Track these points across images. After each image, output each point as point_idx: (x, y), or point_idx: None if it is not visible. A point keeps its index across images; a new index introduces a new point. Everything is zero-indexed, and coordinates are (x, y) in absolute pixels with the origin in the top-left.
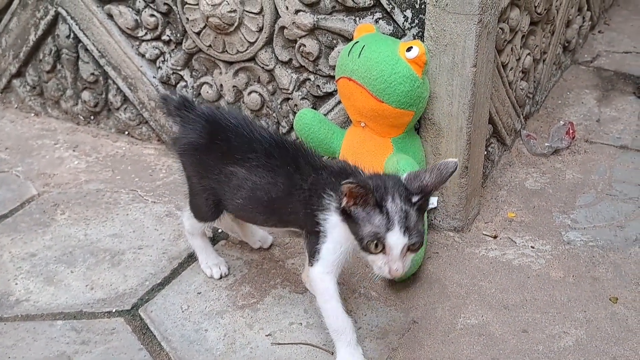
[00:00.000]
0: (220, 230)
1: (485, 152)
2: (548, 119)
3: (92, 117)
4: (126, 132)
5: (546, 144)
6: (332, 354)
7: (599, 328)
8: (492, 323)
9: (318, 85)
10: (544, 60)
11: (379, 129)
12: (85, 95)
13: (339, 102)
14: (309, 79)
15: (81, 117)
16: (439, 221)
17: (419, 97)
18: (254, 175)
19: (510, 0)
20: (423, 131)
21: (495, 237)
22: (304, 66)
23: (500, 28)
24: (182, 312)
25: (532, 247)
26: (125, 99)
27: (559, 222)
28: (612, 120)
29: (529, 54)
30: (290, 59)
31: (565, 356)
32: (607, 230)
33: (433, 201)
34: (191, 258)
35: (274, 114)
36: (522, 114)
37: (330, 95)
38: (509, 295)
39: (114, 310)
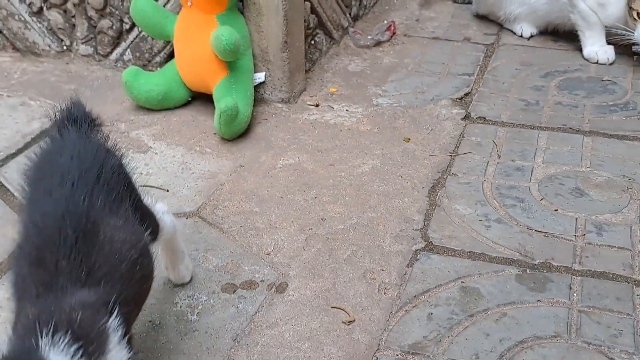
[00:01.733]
0: None
1: (313, 42)
2: (375, 21)
3: None
4: None
5: (369, 37)
6: None
7: (392, 158)
8: (306, 162)
9: None
10: None
11: (204, 6)
12: None
13: None
14: None
15: None
16: (268, 94)
17: None
18: None
19: None
20: (246, 11)
21: (317, 105)
22: None
23: None
24: None
25: (347, 110)
26: None
27: (372, 92)
28: (429, 19)
29: None
30: None
31: (361, 177)
32: (410, 95)
33: (260, 76)
34: (44, 134)
35: (117, 12)
36: (350, 14)
37: None
38: (323, 144)
39: None
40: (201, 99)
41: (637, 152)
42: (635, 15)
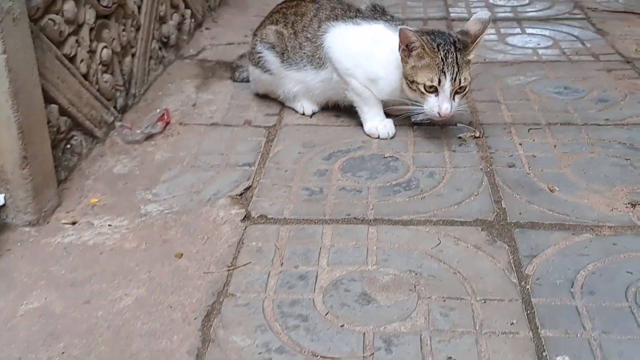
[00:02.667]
0: None
1: (68, 146)
2: (147, 110)
3: None
4: None
5: (138, 131)
6: None
7: (160, 282)
8: (55, 302)
9: None
10: (133, 55)
11: None
12: None
13: None
14: None
15: None
16: (12, 218)
17: None
18: None
19: None
20: None
21: (74, 223)
22: None
23: (50, 20)
24: None
25: (110, 225)
26: None
27: (141, 198)
28: (207, 103)
29: (105, 47)
30: None
31: (123, 314)
32: (185, 197)
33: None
34: None
35: None
36: (116, 107)
37: None
38: (79, 273)
39: None
40: None
41: (421, 239)
42: (423, 89)
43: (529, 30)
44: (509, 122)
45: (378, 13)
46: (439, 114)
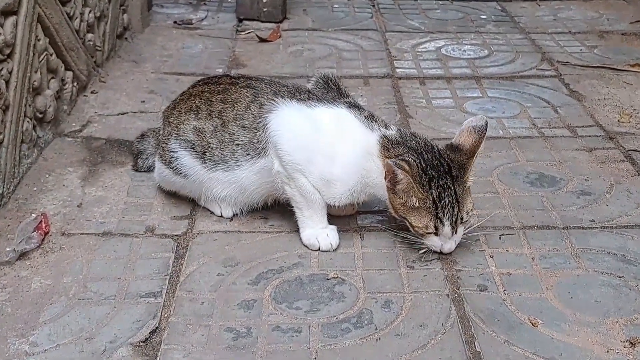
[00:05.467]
0: None
1: None
2: (19, 214)
3: None
4: None
5: (8, 249)
6: None
7: None
8: None
9: None
10: (0, 143)
11: None
12: None
13: None
14: None
15: None
16: None
17: None
18: None
19: None
20: None
21: None
22: None
23: None
24: None
25: None
26: None
27: (15, 350)
28: (97, 202)
29: None
30: None
31: None
32: (73, 347)
33: None
34: None
35: None
36: None
37: None
38: None
39: None
40: None
41: None
42: (419, 231)
43: (490, 93)
44: (475, 224)
45: (332, 91)
46: (441, 252)
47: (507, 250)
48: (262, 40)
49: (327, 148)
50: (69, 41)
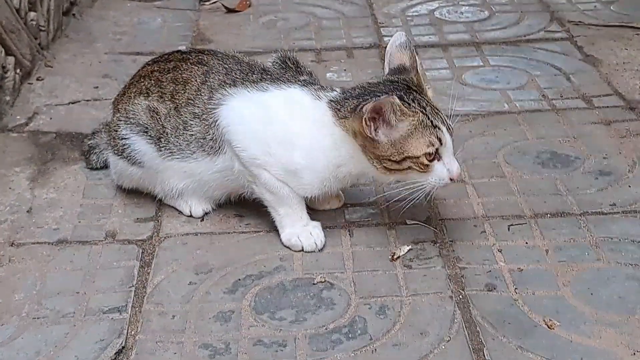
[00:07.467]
0: None
1: None
2: None
3: None
4: None
5: None
6: None
7: None
8: None
9: None
10: None
11: None
12: None
13: None
14: None
15: None
16: None
17: None
18: None
19: None
20: None
21: None
22: None
23: None
24: None
25: None
26: None
27: None
28: (49, 206)
29: None
30: None
31: None
32: None
33: None
34: None
35: None
36: None
37: None
38: None
39: None
40: None
41: None
42: (425, 160)
43: (493, 61)
44: (480, 214)
45: (290, 70)
46: (451, 179)
47: (517, 242)
48: (230, 10)
49: (282, 134)
50: (9, 22)
